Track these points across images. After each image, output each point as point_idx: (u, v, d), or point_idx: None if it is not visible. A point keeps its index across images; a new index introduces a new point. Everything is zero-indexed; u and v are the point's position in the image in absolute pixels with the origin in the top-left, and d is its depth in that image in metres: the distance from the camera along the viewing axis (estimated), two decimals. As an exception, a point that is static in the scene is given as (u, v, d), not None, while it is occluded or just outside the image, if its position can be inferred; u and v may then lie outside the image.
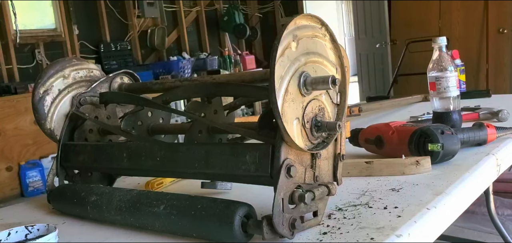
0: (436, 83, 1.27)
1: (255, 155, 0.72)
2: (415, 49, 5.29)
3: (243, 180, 0.78)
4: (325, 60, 0.74)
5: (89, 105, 1.07)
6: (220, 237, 0.70)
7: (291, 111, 0.68)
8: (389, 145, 1.09)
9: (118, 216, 0.83)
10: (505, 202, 2.47)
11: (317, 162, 0.75)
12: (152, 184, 1.10)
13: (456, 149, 1.01)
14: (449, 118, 1.26)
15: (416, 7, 5.74)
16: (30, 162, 4.18)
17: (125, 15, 5.52)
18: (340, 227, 0.73)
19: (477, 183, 0.94)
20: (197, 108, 0.91)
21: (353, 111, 1.72)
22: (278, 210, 0.67)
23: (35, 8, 4.76)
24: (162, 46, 5.78)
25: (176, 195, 0.78)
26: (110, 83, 1.10)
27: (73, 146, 1.03)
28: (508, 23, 5.24)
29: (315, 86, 0.70)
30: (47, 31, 4.79)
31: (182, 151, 0.83)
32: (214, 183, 0.93)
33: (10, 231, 0.80)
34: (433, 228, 0.74)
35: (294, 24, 0.69)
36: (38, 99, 1.03)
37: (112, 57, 5.23)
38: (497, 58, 5.36)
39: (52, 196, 1.00)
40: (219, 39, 6.70)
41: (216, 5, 6.58)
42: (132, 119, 0.99)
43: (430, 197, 0.81)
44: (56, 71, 1.06)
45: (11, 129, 4.07)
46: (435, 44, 1.28)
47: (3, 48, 4.43)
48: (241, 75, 0.89)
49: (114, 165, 0.95)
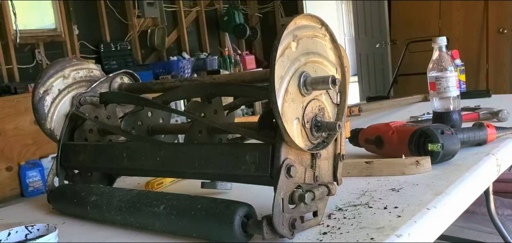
0: (436, 83, 1.27)
1: (255, 155, 0.72)
2: (415, 49, 5.29)
3: (243, 180, 0.78)
4: (325, 60, 0.74)
5: (89, 105, 1.07)
6: (220, 237, 0.70)
7: (291, 111, 0.68)
8: (389, 145, 1.09)
9: (118, 216, 0.83)
10: (505, 202, 2.47)
11: (317, 162, 0.75)
12: (152, 184, 1.10)
13: (456, 149, 1.01)
14: (449, 118, 1.26)
15: (416, 7, 5.74)
16: (30, 162, 4.18)
17: (125, 15, 5.52)
18: (340, 227, 0.73)
19: (477, 183, 0.94)
20: (197, 108, 0.91)
21: (353, 111, 1.72)
22: (278, 210, 0.67)
23: (35, 8, 4.75)
24: (162, 46, 5.78)
25: (176, 195, 0.78)
26: (110, 83, 1.10)
27: (73, 146, 1.03)
28: (508, 23, 5.24)
29: (315, 86, 0.70)
30: (47, 31, 4.79)
31: (182, 151, 0.83)
32: (214, 183, 0.93)
33: (10, 231, 0.80)
34: (433, 228, 0.74)
35: (294, 24, 0.69)
36: (38, 99, 1.03)
37: (112, 57, 5.23)
38: (497, 58, 5.36)
39: (52, 196, 1.00)
40: (219, 39, 6.70)
41: (216, 5, 6.57)
42: (132, 119, 0.99)
43: (430, 197, 0.81)
44: (56, 71, 1.07)
45: (11, 129, 4.07)
46: (435, 44, 1.28)
47: (3, 48, 4.43)
48: (241, 75, 0.89)
49: (114, 165, 0.95)
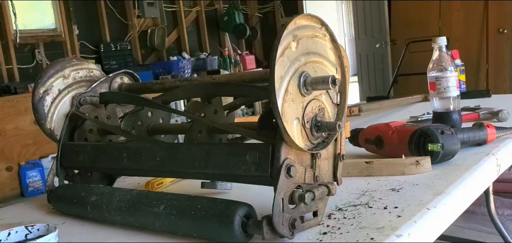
0: (436, 83, 1.27)
1: (255, 155, 0.72)
2: (415, 49, 5.29)
3: (243, 180, 0.78)
4: (325, 60, 0.74)
5: (89, 105, 1.07)
6: (220, 237, 0.70)
7: (291, 111, 0.68)
8: (389, 145, 1.09)
9: (118, 216, 0.83)
10: (505, 202, 2.47)
11: (317, 162, 0.75)
12: (152, 184, 1.10)
13: (456, 149, 1.01)
14: (449, 118, 1.26)
15: (416, 7, 5.73)
16: (30, 162, 4.18)
17: (125, 15, 5.52)
18: (340, 227, 0.73)
19: (477, 183, 0.94)
20: (197, 108, 0.91)
21: (353, 111, 1.72)
22: (278, 210, 0.67)
23: (35, 8, 4.75)
24: (162, 46, 5.78)
25: (176, 195, 0.78)
26: (110, 83, 1.10)
27: (73, 146, 1.03)
28: (508, 23, 5.24)
29: (315, 86, 0.70)
30: (47, 31, 4.79)
31: (182, 151, 0.83)
32: (214, 183, 0.93)
33: (10, 231, 0.80)
34: (433, 228, 0.74)
35: (294, 24, 0.69)
36: (38, 99, 1.03)
37: (112, 57, 5.23)
38: (497, 58, 5.36)
39: (52, 196, 1.00)
40: (219, 39, 6.70)
41: (216, 5, 6.57)
42: (132, 119, 0.99)
43: (430, 197, 0.81)
44: (56, 71, 1.06)
45: (11, 129, 4.07)
46: (435, 44, 1.28)
47: (3, 48, 4.43)
48: (241, 75, 0.89)
49: (114, 165, 0.95)
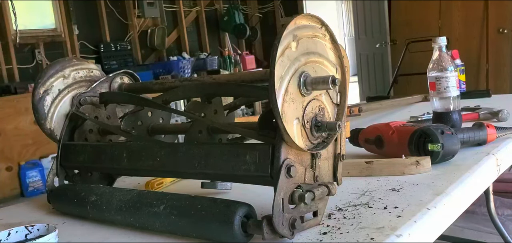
0: (436, 83, 1.27)
1: (255, 155, 0.72)
2: (415, 49, 5.29)
3: (243, 180, 0.78)
4: (325, 60, 0.74)
5: (89, 105, 1.07)
6: (220, 237, 0.70)
7: (291, 111, 0.68)
8: (389, 145, 1.09)
9: (118, 216, 0.83)
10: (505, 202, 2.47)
11: (317, 162, 0.75)
12: (152, 184, 1.10)
13: (456, 149, 1.01)
14: (449, 118, 1.26)
15: (416, 7, 5.74)
16: (30, 162, 4.18)
17: (125, 15, 5.52)
18: (340, 227, 0.73)
19: (477, 183, 0.94)
20: (197, 108, 0.91)
21: (353, 111, 1.72)
22: (278, 210, 0.67)
23: (35, 8, 4.76)
24: (162, 46, 5.78)
25: (176, 195, 0.78)
26: (110, 83, 1.10)
27: (73, 146, 1.03)
28: (508, 23, 5.24)
29: (315, 86, 0.70)
30: (47, 31, 4.79)
31: (182, 151, 0.83)
32: (214, 183, 0.93)
33: (10, 231, 0.80)
34: (433, 228, 0.74)
35: (294, 24, 0.69)
36: (38, 99, 1.03)
37: (112, 57, 5.23)
38: (497, 58, 5.36)
39: (52, 196, 1.00)
40: (219, 39, 6.70)
41: (216, 5, 6.58)
42: (132, 119, 0.99)
43: (430, 197, 0.81)
44: (56, 71, 1.06)
45: (11, 129, 4.07)
46: (435, 44, 1.28)
47: (3, 48, 4.43)
48: (241, 75, 0.89)
49: (114, 165, 0.95)
